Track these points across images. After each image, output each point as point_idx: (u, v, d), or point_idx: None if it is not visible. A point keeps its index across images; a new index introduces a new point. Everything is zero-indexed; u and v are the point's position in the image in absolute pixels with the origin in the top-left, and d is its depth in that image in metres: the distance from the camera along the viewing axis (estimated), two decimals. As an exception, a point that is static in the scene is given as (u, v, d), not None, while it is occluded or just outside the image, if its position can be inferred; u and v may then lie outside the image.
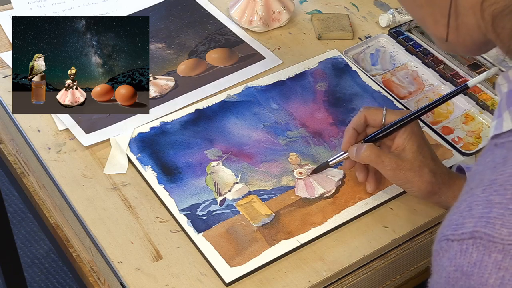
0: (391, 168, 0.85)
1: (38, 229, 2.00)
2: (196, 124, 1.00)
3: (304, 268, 0.84)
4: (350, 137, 0.89)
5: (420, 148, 0.85)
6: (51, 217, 0.98)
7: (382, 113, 0.88)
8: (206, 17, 1.19)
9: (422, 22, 0.69)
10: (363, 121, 0.89)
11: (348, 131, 0.90)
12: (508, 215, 0.52)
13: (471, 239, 0.53)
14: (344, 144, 0.90)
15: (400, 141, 0.86)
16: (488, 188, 0.55)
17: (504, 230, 0.52)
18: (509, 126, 0.59)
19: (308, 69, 1.09)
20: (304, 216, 0.89)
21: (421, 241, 0.91)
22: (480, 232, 0.53)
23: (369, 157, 0.86)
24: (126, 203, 0.91)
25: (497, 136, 0.59)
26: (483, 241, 0.52)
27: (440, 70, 1.11)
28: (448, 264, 0.54)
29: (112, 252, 0.85)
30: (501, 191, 0.54)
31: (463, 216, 0.55)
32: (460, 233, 0.54)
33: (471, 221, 0.54)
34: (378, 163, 0.86)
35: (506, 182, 0.54)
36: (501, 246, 0.51)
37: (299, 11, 1.22)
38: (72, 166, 0.95)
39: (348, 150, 0.89)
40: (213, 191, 0.92)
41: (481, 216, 0.53)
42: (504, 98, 0.61)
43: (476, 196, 0.55)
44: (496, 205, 0.53)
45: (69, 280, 1.91)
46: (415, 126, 0.87)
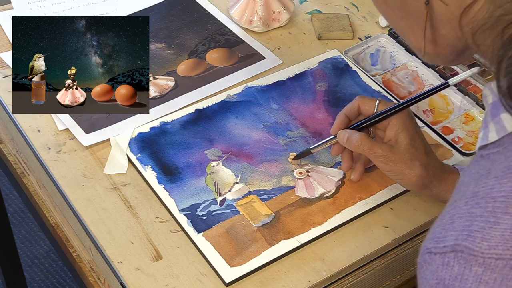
0: (383, 159, 0.86)
1: (38, 229, 2.00)
2: (196, 124, 1.00)
3: (304, 268, 0.84)
4: (340, 122, 0.91)
5: (412, 141, 0.86)
6: (51, 217, 0.98)
7: (375, 104, 0.89)
8: (206, 17, 1.19)
9: (402, 34, 0.70)
10: (356, 109, 0.91)
11: (339, 116, 0.91)
12: (489, 228, 0.52)
13: (453, 252, 0.53)
14: (333, 128, 0.91)
15: (392, 133, 0.87)
16: (470, 201, 0.54)
17: (485, 243, 0.51)
18: (494, 137, 0.58)
19: (308, 69, 1.09)
20: (304, 216, 0.89)
21: (421, 241, 0.90)
22: (461, 246, 0.52)
23: (360, 146, 0.87)
24: (126, 203, 0.91)
25: (484, 147, 0.59)
26: (464, 254, 0.52)
27: (440, 70, 1.11)
28: (431, 277, 0.54)
29: (112, 252, 0.85)
30: (482, 204, 0.53)
31: (445, 229, 0.54)
32: (442, 246, 0.54)
33: (452, 234, 0.53)
34: (370, 154, 0.87)
35: (488, 195, 0.54)
36: (482, 260, 0.51)
37: (299, 11, 1.22)
38: (72, 166, 0.95)
39: (338, 134, 0.90)
40: (213, 191, 0.92)
41: (463, 229, 0.53)
42: (489, 110, 0.61)
43: (458, 209, 0.55)
44: (477, 218, 0.53)
45: (69, 280, 1.91)
46: (407, 119, 0.87)
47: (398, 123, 0.87)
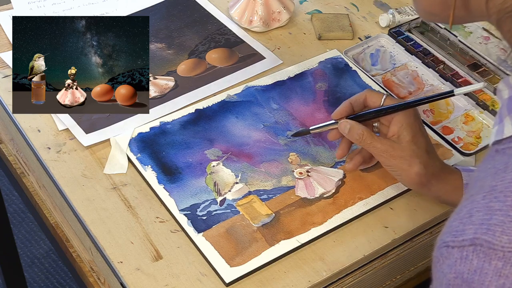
0: (383, 154, 0.86)
1: (38, 229, 2.00)
2: (196, 124, 1.00)
3: (304, 268, 0.84)
4: (344, 109, 0.91)
5: (415, 138, 0.86)
6: (51, 217, 0.98)
7: (381, 98, 0.89)
8: (206, 17, 1.19)
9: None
10: (362, 100, 0.91)
11: (345, 103, 0.91)
12: (508, 222, 0.52)
13: (472, 246, 0.53)
14: (335, 113, 0.91)
15: (395, 129, 0.87)
16: (489, 195, 0.55)
17: (505, 237, 0.52)
18: (510, 132, 0.58)
19: (308, 69, 1.09)
20: (304, 216, 0.89)
21: (421, 241, 0.91)
22: (480, 239, 0.52)
23: (362, 139, 0.87)
24: (126, 203, 0.91)
25: (499, 142, 0.59)
26: (483, 248, 0.52)
27: (440, 70, 1.11)
28: (449, 271, 0.54)
29: (112, 252, 0.85)
30: (501, 198, 0.54)
31: (463, 222, 0.54)
32: (461, 240, 0.54)
33: (471, 228, 0.54)
34: (370, 147, 0.87)
35: (507, 188, 0.54)
36: (501, 254, 0.51)
37: (299, 11, 1.22)
38: (72, 166, 0.95)
39: (339, 123, 0.90)
40: (213, 191, 0.92)
41: (482, 223, 0.53)
42: (505, 104, 0.61)
43: (476, 203, 0.55)
44: (496, 212, 0.53)
45: (69, 280, 1.91)
46: (411, 117, 0.87)
47: (403, 119, 0.87)
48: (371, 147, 0.87)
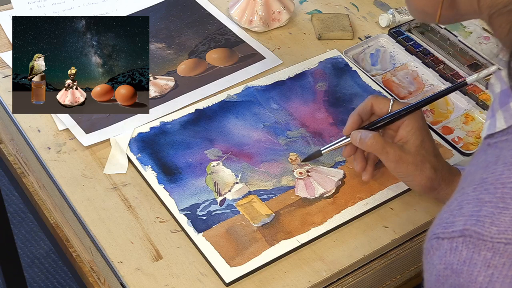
0: (395, 160, 0.85)
1: (38, 229, 2.00)
2: (196, 124, 1.00)
3: (304, 268, 0.84)
4: (353, 122, 0.89)
5: (423, 143, 0.85)
6: (51, 217, 0.98)
7: (389, 103, 0.88)
8: (206, 17, 1.19)
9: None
10: (369, 108, 0.89)
11: (352, 116, 0.89)
12: (498, 214, 0.53)
13: (461, 237, 0.53)
14: (346, 129, 0.89)
15: (404, 133, 0.86)
16: (479, 187, 0.55)
17: (494, 228, 0.52)
18: (502, 125, 0.59)
19: (308, 69, 1.09)
20: (304, 216, 0.89)
21: (421, 241, 0.91)
22: (470, 230, 0.53)
23: (373, 146, 0.85)
24: (126, 203, 0.91)
25: (490, 136, 0.60)
26: (472, 239, 0.53)
27: (440, 70, 1.11)
28: (438, 262, 0.54)
29: (112, 252, 0.85)
30: (491, 190, 0.54)
31: (453, 214, 0.55)
32: (450, 231, 0.54)
33: (461, 219, 0.54)
34: (382, 154, 0.85)
35: (497, 180, 0.54)
36: (491, 244, 0.52)
37: (299, 11, 1.22)
38: (72, 166, 0.95)
39: (351, 135, 0.88)
40: (213, 191, 0.92)
41: (471, 215, 0.54)
42: (497, 98, 0.61)
43: (466, 195, 0.55)
44: (486, 203, 0.54)
45: (69, 280, 1.91)
46: (420, 120, 0.86)
47: (412, 123, 0.85)
48: (383, 152, 0.85)
